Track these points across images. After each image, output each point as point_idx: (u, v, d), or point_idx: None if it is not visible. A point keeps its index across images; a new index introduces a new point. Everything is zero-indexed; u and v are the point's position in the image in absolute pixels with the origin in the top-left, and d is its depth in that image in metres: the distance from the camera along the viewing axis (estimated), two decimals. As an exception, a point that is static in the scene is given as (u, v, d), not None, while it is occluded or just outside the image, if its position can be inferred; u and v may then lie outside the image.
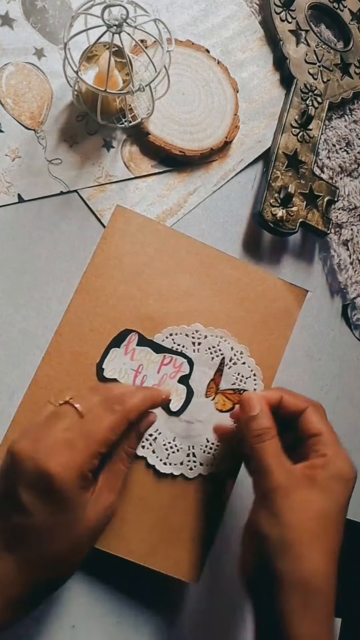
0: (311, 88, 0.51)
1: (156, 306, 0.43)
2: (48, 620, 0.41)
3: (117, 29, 0.37)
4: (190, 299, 0.44)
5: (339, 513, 0.35)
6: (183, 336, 0.43)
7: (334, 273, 0.53)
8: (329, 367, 0.53)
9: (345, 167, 0.53)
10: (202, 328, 0.43)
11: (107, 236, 0.44)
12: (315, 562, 0.33)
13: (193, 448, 0.42)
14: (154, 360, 0.42)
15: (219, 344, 0.43)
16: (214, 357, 0.43)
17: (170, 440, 0.42)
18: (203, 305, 0.44)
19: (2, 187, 0.42)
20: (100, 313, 0.42)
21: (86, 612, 0.42)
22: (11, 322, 0.42)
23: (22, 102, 0.43)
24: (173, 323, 0.43)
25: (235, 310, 0.44)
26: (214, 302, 0.44)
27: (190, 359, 0.43)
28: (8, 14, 0.44)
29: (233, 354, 0.43)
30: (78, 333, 0.42)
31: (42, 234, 0.43)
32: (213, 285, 0.44)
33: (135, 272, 0.44)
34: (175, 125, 0.46)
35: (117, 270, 0.43)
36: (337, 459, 0.36)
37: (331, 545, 0.34)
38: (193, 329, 0.43)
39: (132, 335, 0.42)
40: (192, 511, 0.41)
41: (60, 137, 0.44)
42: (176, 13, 0.49)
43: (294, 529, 0.33)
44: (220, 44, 0.50)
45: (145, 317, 0.43)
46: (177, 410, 0.42)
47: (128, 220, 0.44)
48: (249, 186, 0.50)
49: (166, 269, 0.44)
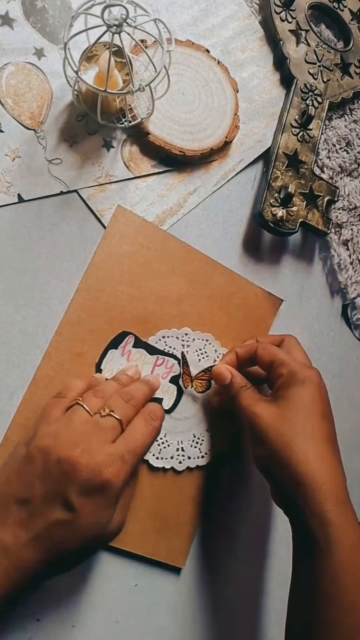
0: (311, 88, 0.51)
1: (152, 309, 0.45)
2: (48, 620, 0.41)
3: (117, 29, 0.37)
4: (182, 303, 0.46)
5: (304, 410, 0.38)
6: (174, 339, 0.45)
7: (334, 273, 0.53)
8: (329, 367, 0.53)
9: (345, 167, 0.53)
10: (191, 331, 0.46)
11: (108, 236, 0.44)
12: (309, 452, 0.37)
13: (182, 443, 0.44)
14: (148, 362, 0.44)
15: (205, 347, 0.46)
16: (200, 359, 0.46)
17: (162, 437, 0.44)
18: (193, 309, 0.46)
19: (2, 187, 0.42)
20: (99, 313, 0.43)
21: (86, 612, 0.42)
22: (11, 322, 0.42)
23: (22, 102, 0.43)
24: (166, 326, 0.45)
25: (219, 315, 0.47)
26: (202, 307, 0.46)
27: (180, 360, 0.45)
28: (8, 14, 0.44)
29: (217, 356, 0.46)
30: (78, 333, 0.43)
31: (42, 234, 0.43)
32: (203, 291, 0.46)
33: (133, 273, 0.45)
34: (175, 125, 0.46)
35: (117, 271, 0.44)
36: (293, 370, 0.40)
37: (324, 435, 0.38)
38: (183, 332, 0.45)
39: (129, 337, 0.44)
40: (180, 501, 0.44)
41: (60, 137, 0.44)
42: (176, 13, 0.49)
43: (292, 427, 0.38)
44: (220, 44, 0.50)
45: (141, 319, 0.44)
46: (169, 409, 0.44)
47: (128, 221, 0.45)
48: (249, 186, 0.50)
49: (162, 273, 0.45)
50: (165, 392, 0.44)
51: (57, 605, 0.41)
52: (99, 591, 0.42)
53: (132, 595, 0.43)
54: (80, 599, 0.42)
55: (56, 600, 0.41)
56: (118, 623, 0.43)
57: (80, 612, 0.42)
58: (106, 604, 0.43)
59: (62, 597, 0.41)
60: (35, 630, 0.40)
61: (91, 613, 0.42)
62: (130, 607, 0.43)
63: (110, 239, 0.44)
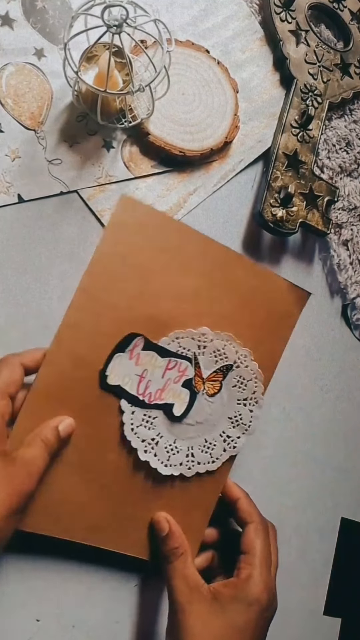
0: (311, 88, 0.51)
1: (164, 306, 0.41)
2: (48, 620, 0.41)
3: (117, 29, 0.37)
4: (198, 299, 0.42)
5: (238, 634, 0.36)
6: (189, 340, 0.41)
7: (334, 273, 0.53)
8: (329, 367, 0.53)
9: (345, 167, 0.53)
10: (209, 331, 0.42)
11: (112, 228, 0.40)
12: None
13: (192, 449, 0.42)
14: (159, 365, 0.41)
15: (224, 347, 0.42)
16: (217, 361, 0.42)
17: (171, 443, 0.41)
18: (210, 306, 0.42)
19: (2, 187, 0.42)
20: (103, 314, 0.39)
21: (86, 612, 0.42)
22: (11, 323, 0.42)
23: (22, 102, 0.43)
24: (179, 326, 0.41)
25: (240, 312, 0.43)
26: (221, 304, 0.42)
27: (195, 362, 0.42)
28: (8, 14, 0.44)
29: (237, 357, 0.43)
30: (79, 338, 0.39)
31: (42, 234, 0.43)
32: (221, 285, 0.42)
33: (142, 268, 0.40)
34: (175, 125, 0.46)
35: (123, 266, 0.40)
36: (251, 580, 0.37)
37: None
38: (200, 332, 0.41)
39: (138, 339, 0.40)
40: (188, 506, 0.42)
41: (60, 138, 0.44)
42: (176, 13, 0.49)
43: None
44: (220, 44, 0.50)
45: (152, 319, 0.40)
46: (180, 415, 0.41)
47: (134, 210, 0.40)
48: (249, 186, 0.50)
49: (175, 266, 0.41)
50: (177, 397, 0.41)
51: (57, 605, 0.41)
52: (99, 591, 0.42)
53: (132, 596, 0.43)
54: (80, 599, 0.42)
55: (56, 600, 0.41)
56: (118, 623, 0.43)
57: (80, 612, 0.42)
58: (106, 604, 0.43)
59: (62, 597, 0.41)
60: (35, 630, 0.40)
61: (91, 613, 0.42)
62: (130, 607, 0.43)
63: (115, 230, 0.39)
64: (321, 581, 0.51)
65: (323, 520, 0.52)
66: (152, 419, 0.41)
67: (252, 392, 0.43)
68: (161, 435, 0.41)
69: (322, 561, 0.51)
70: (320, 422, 0.52)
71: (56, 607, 0.41)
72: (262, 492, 0.48)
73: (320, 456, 0.52)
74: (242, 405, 0.43)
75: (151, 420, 0.41)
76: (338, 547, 0.52)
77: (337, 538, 0.52)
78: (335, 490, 0.52)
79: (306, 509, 0.51)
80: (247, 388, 0.43)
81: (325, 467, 0.52)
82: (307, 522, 0.51)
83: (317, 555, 0.51)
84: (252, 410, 0.43)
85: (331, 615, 0.51)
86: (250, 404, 0.43)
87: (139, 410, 0.40)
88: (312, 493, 0.51)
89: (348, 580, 0.53)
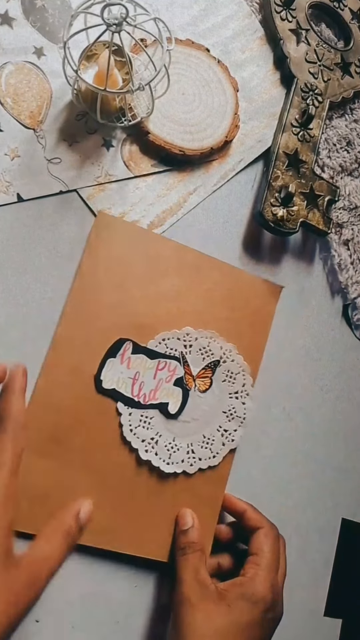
0: (312, 87, 0.51)
1: (147, 312, 0.44)
2: (48, 620, 0.41)
3: (117, 28, 0.36)
4: (178, 303, 0.45)
5: (241, 632, 0.36)
6: (175, 340, 0.44)
7: (335, 273, 0.53)
8: (329, 367, 0.53)
9: (345, 167, 0.53)
10: (193, 330, 0.44)
11: (92, 245, 0.43)
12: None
13: (192, 445, 0.44)
14: (150, 367, 0.43)
15: (209, 344, 0.45)
16: (204, 358, 0.45)
17: (171, 441, 0.43)
18: (191, 307, 0.45)
19: (2, 187, 0.42)
20: (92, 324, 0.42)
21: (86, 612, 0.42)
22: (11, 323, 0.42)
23: (21, 101, 0.43)
24: (164, 328, 0.44)
25: (220, 311, 0.46)
26: (201, 304, 0.45)
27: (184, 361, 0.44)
28: (7, 13, 0.44)
29: (223, 352, 0.45)
30: (72, 347, 0.41)
31: (41, 234, 0.43)
32: (199, 287, 0.45)
33: (124, 278, 0.43)
34: (175, 124, 0.46)
35: (106, 279, 0.43)
36: (256, 579, 0.38)
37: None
38: (184, 332, 0.44)
39: (127, 344, 0.43)
40: (195, 504, 0.43)
41: (59, 136, 0.44)
42: (176, 13, 0.49)
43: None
44: (221, 44, 0.50)
45: (137, 324, 0.43)
46: (175, 413, 0.43)
47: (112, 226, 0.44)
48: (249, 186, 0.50)
49: (155, 274, 0.44)
50: (170, 395, 0.43)
51: (57, 605, 0.41)
52: (98, 591, 0.42)
53: (132, 596, 0.43)
54: (79, 599, 0.42)
55: (56, 600, 0.41)
56: (118, 623, 0.43)
57: (80, 612, 0.42)
58: (106, 604, 0.42)
59: (62, 597, 0.41)
60: (35, 631, 0.40)
61: (91, 613, 0.42)
62: (130, 607, 0.43)
63: (95, 246, 0.43)
64: (321, 582, 0.51)
65: (323, 520, 0.52)
66: (149, 419, 0.43)
67: (242, 385, 0.45)
68: (160, 435, 0.43)
69: (322, 562, 0.51)
70: (320, 422, 0.52)
71: (56, 607, 0.41)
72: (262, 492, 0.48)
73: (320, 456, 0.52)
74: (234, 398, 0.45)
75: (148, 420, 0.42)
76: (339, 547, 0.52)
77: (337, 539, 0.52)
78: (335, 490, 0.52)
79: (306, 509, 0.51)
80: (236, 381, 0.45)
81: (326, 467, 0.52)
82: (307, 523, 0.51)
83: (317, 556, 0.51)
84: (245, 402, 0.45)
85: (332, 617, 0.51)
86: (242, 396, 0.45)
87: (135, 411, 0.42)
88: (312, 493, 0.51)
89: (349, 581, 0.53)
